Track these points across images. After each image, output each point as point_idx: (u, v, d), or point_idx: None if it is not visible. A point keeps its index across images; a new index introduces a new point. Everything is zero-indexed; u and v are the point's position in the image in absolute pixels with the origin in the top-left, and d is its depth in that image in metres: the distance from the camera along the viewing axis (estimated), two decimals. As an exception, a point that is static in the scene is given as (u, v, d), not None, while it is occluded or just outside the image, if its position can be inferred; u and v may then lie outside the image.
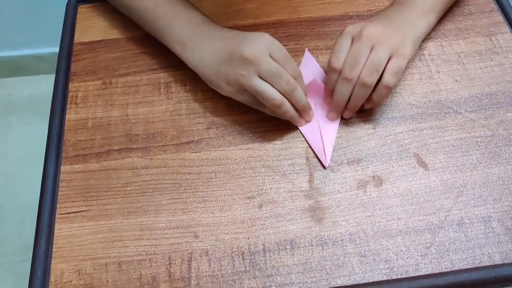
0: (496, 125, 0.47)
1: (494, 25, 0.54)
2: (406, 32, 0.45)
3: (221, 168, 0.45)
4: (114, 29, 0.55)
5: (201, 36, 0.46)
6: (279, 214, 0.42)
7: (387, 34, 0.44)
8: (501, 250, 0.40)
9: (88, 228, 0.42)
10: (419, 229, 0.41)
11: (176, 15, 0.47)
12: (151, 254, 0.40)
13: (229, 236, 0.41)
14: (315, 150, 0.45)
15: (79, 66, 0.52)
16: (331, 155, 0.45)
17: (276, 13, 0.55)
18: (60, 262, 0.40)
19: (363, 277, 0.39)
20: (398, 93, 0.49)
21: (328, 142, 0.45)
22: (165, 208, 0.43)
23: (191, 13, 0.48)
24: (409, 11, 0.48)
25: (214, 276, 0.39)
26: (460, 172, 0.44)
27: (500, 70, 0.51)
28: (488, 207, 0.42)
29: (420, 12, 0.48)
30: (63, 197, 0.43)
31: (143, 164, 0.45)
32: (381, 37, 0.43)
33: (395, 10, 0.49)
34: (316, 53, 0.52)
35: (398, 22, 0.47)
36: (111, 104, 0.49)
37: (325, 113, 0.47)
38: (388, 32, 0.44)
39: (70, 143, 0.46)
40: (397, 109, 0.48)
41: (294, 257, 0.40)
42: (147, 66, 0.52)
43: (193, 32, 0.46)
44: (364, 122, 0.47)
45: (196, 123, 0.48)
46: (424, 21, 0.48)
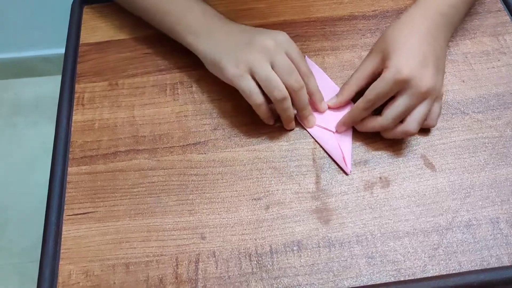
0: (504, 126, 0.47)
1: (501, 25, 0.54)
2: (442, 73, 0.44)
3: (227, 170, 0.45)
4: (121, 30, 0.55)
5: (215, 28, 0.46)
6: (286, 216, 0.42)
7: (438, 84, 0.43)
8: (509, 252, 0.40)
9: (95, 229, 0.42)
10: (427, 231, 0.41)
11: (189, 8, 0.48)
12: (158, 255, 0.40)
13: (236, 237, 0.41)
14: (335, 158, 0.44)
15: (85, 67, 0.52)
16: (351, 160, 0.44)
17: (285, 13, 0.55)
18: (68, 264, 0.40)
19: (370, 278, 0.39)
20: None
21: (346, 148, 0.45)
22: (172, 210, 0.43)
23: (204, 6, 0.48)
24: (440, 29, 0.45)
25: (221, 278, 0.39)
26: (468, 173, 0.44)
27: (508, 71, 0.50)
28: (496, 208, 0.42)
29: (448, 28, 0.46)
30: (70, 198, 0.43)
31: (150, 165, 0.45)
32: (432, 90, 0.42)
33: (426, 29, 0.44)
34: (322, 54, 0.52)
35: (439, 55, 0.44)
36: (118, 106, 0.49)
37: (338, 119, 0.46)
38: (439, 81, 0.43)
39: (77, 145, 0.47)
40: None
41: (301, 259, 0.40)
42: (154, 67, 0.52)
43: (207, 23, 0.47)
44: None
45: (203, 125, 0.48)
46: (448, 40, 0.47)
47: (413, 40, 0.43)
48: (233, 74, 0.43)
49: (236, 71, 0.43)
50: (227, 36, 0.46)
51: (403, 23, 0.45)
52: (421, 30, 0.44)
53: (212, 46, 0.45)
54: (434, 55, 0.43)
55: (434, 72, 0.42)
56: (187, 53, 0.52)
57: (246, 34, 0.45)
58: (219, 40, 0.46)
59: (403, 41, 0.43)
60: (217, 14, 0.48)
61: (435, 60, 0.43)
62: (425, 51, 0.43)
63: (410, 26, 0.44)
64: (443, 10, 0.45)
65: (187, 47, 0.48)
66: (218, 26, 0.47)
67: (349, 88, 0.46)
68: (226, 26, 0.47)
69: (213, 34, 0.46)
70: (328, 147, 0.45)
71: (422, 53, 0.42)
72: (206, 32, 0.46)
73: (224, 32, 0.46)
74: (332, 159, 0.45)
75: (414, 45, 0.43)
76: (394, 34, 0.44)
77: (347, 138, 0.46)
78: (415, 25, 0.44)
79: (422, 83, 0.41)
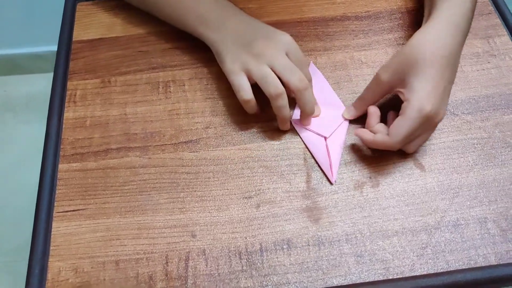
0: (493, 127, 0.47)
1: (491, 27, 0.54)
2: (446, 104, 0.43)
3: (219, 168, 0.45)
4: (114, 27, 0.55)
5: (226, 17, 0.47)
6: (276, 214, 0.42)
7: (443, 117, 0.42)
8: (496, 251, 0.40)
9: (85, 226, 0.42)
10: (415, 230, 0.41)
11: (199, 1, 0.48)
12: (148, 253, 0.40)
13: (226, 235, 0.41)
14: (321, 166, 0.44)
15: (78, 64, 0.52)
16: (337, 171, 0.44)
17: (278, 13, 0.55)
18: (57, 261, 0.40)
19: (359, 277, 0.39)
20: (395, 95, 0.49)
21: (335, 157, 0.45)
22: (162, 207, 0.43)
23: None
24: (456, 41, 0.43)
25: (211, 275, 0.39)
26: (456, 173, 0.44)
27: (497, 73, 0.51)
28: (483, 208, 0.42)
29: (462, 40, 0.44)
30: (60, 195, 0.43)
31: (141, 163, 0.45)
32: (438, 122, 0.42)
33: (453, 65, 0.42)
34: (314, 54, 0.53)
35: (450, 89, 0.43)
36: (110, 103, 0.49)
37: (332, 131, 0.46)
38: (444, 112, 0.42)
39: (68, 142, 0.47)
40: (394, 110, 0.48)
41: (291, 257, 0.40)
42: (147, 65, 0.52)
43: (218, 12, 0.48)
44: (361, 124, 0.48)
45: (195, 123, 0.48)
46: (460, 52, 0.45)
47: (437, 65, 0.40)
48: (229, 69, 0.45)
49: (232, 67, 0.44)
50: (235, 29, 0.46)
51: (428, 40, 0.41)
52: (446, 52, 0.41)
53: (218, 38, 0.47)
54: (451, 81, 0.42)
55: (447, 101, 0.42)
56: (180, 52, 0.52)
57: (251, 32, 0.46)
58: (226, 33, 0.46)
59: (427, 64, 0.40)
60: (227, 3, 0.49)
61: (450, 87, 0.42)
62: (445, 80, 0.41)
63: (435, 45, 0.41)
64: (458, 21, 0.43)
65: (195, 36, 0.49)
66: (228, 16, 0.47)
67: (365, 104, 0.45)
68: (236, 18, 0.47)
69: (223, 25, 0.47)
70: (317, 154, 0.45)
71: (443, 83, 0.41)
72: (217, 23, 0.47)
73: (233, 24, 0.47)
74: (318, 166, 0.45)
75: (438, 74, 0.40)
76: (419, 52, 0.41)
77: (338, 147, 0.45)
78: (440, 45, 0.41)
79: (438, 116, 0.41)
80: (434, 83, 0.40)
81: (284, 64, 0.43)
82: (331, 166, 0.44)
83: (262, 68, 0.43)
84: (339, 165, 0.45)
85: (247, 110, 0.45)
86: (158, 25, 0.54)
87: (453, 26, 0.43)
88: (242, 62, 0.44)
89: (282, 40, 0.45)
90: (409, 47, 0.42)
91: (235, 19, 0.47)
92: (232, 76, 0.44)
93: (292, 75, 0.43)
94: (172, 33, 0.53)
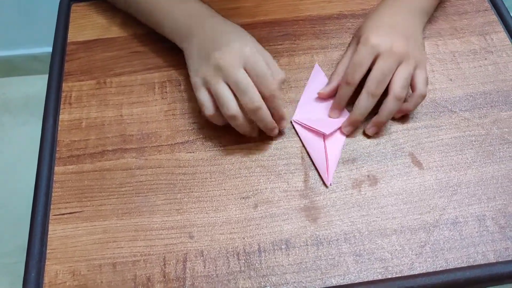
0: (490, 124, 0.47)
1: (488, 24, 0.54)
2: (421, 44, 0.47)
3: (216, 168, 0.45)
4: (109, 28, 0.54)
5: (195, 26, 0.46)
6: (274, 214, 0.42)
7: (412, 49, 0.45)
8: (495, 249, 0.40)
9: (82, 229, 0.41)
10: (414, 228, 0.41)
11: (175, 7, 0.48)
12: (145, 254, 0.40)
13: (224, 236, 0.41)
14: (318, 168, 0.44)
15: (73, 65, 0.52)
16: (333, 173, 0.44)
17: (274, 12, 0.55)
18: (54, 264, 0.40)
19: (357, 276, 0.39)
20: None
21: (332, 160, 0.44)
22: (159, 209, 0.42)
23: (191, 4, 0.48)
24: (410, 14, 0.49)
25: (209, 277, 0.39)
26: (455, 171, 0.44)
27: (494, 69, 0.51)
28: (482, 205, 0.42)
29: (418, 14, 0.49)
30: (57, 198, 0.43)
31: (137, 164, 0.45)
32: (409, 54, 0.44)
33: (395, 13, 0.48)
34: (311, 53, 0.52)
35: (410, 31, 0.47)
36: (105, 104, 0.49)
37: (332, 130, 0.46)
38: (411, 46, 0.45)
39: (64, 144, 0.46)
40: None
41: (289, 257, 0.40)
42: (142, 66, 0.51)
43: (190, 23, 0.47)
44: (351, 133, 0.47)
45: (191, 123, 0.47)
46: (422, 24, 0.50)
47: (381, 20, 0.48)
48: (192, 83, 0.44)
49: (194, 81, 0.44)
50: (201, 38, 0.45)
51: (372, 16, 0.49)
52: (389, 14, 0.48)
53: (186, 47, 0.46)
54: (404, 28, 0.46)
55: (403, 39, 0.45)
56: (176, 51, 0.52)
57: (212, 44, 0.43)
58: (193, 42, 0.46)
59: (373, 23, 0.47)
60: (201, 13, 0.47)
61: (404, 30, 0.46)
62: (392, 24, 0.46)
63: (378, 15, 0.49)
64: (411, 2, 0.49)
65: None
66: (196, 25, 0.46)
67: (337, 77, 0.47)
68: (204, 26, 0.46)
69: (191, 34, 0.46)
70: (315, 156, 0.45)
71: (389, 25, 0.46)
72: (185, 32, 0.46)
73: (201, 33, 0.45)
74: (315, 167, 0.44)
75: (383, 21, 0.47)
76: (366, 22, 0.48)
77: (336, 150, 0.45)
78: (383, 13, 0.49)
79: (392, 47, 0.44)
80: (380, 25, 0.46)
81: (237, 82, 0.40)
82: (327, 169, 0.44)
83: (219, 86, 0.41)
84: (335, 168, 0.44)
85: (215, 123, 0.44)
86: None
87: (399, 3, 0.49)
88: (202, 76, 0.43)
89: (241, 51, 0.41)
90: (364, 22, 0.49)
91: (203, 28, 0.45)
92: (195, 91, 0.44)
93: (243, 95, 0.41)
94: (168, 33, 0.53)
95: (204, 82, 0.43)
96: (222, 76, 0.41)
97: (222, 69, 0.41)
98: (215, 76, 0.42)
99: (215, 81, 0.42)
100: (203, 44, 0.44)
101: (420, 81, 0.45)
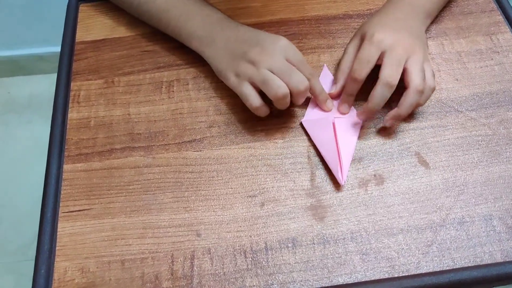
0: (497, 124, 0.47)
1: (494, 24, 0.54)
2: (425, 41, 0.48)
3: (222, 167, 0.45)
4: (117, 28, 0.55)
5: (215, 35, 0.47)
6: (280, 213, 0.42)
7: (417, 45, 0.45)
8: (502, 248, 0.40)
9: (91, 226, 0.42)
10: (421, 228, 0.41)
11: (190, 14, 0.48)
12: (153, 252, 0.41)
13: (231, 234, 0.41)
14: (330, 167, 0.44)
15: (81, 65, 0.52)
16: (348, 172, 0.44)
17: (281, 12, 0.55)
18: (64, 260, 0.40)
19: (364, 275, 0.39)
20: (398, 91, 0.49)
21: (346, 158, 0.44)
22: (167, 207, 0.43)
23: (205, 10, 0.49)
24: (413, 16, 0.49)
25: (216, 275, 0.39)
26: (461, 170, 0.44)
27: (501, 69, 0.51)
28: (489, 205, 0.42)
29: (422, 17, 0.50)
30: (65, 195, 0.43)
31: (145, 162, 0.45)
32: (415, 49, 0.45)
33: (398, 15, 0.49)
34: (317, 52, 0.52)
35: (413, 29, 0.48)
36: (113, 103, 0.49)
37: (343, 128, 0.46)
38: (416, 42, 0.46)
39: (73, 142, 0.47)
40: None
41: (296, 255, 0.40)
42: (150, 65, 0.52)
43: (208, 29, 0.48)
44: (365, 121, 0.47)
45: (198, 122, 0.48)
46: (425, 26, 0.51)
47: (386, 18, 0.48)
48: (233, 82, 0.45)
49: (235, 80, 0.45)
50: (226, 44, 0.46)
51: (376, 14, 0.50)
52: (392, 14, 0.49)
53: (214, 54, 0.47)
54: (408, 26, 0.47)
55: (408, 35, 0.46)
56: (183, 50, 0.52)
57: (244, 43, 0.45)
58: (218, 48, 0.47)
59: (377, 20, 0.48)
60: (216, 19, 0.48)
61: (408, 28, 0.47)
62: (396, 22, 0.47)
63: (382, 13, 0.49)
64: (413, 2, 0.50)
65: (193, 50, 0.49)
66: (216, 32, 0.47)
67: (342, 74, 0.48)
68: (224, 33, 0.47)
69: (214, 41, 0.47)
70: (326, 154, 0.45)
71: (394, 23, 0.47)
72: (208, 39, 0.47)
73: (224, 40, 0.47)
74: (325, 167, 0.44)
75: (387, 19, 0.48)
76: (370, 20, 0.49)
77: (349, 148, 0.45)
78: (387, 12, 0.49)
79: (398, 42, 0.44)
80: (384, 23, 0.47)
81: (282, 67, 0.43)
82: (341, 167, 0.43)
83: (262, 72, 0.43)
84: (349, 167, 0.44)
85: (259, 115, 0.45)
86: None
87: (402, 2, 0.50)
88: (242, 72, 0.44)
89: (278, 44, 0.44)
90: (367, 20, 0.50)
91: (224, 34, 0.47)
92: (237, 88, 0.45)
93: (291, 77, 0.43)
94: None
95: (244, 77, 0.44)
96: (264, 67, 0.43)
97: (264, 61, 0.43)
98: (257, 68, 0.43)
99: (259, 72, 0.43)
100: (232, 45, 0.46)
101: (429, 75, 0.45)
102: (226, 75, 0.46)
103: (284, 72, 0.43)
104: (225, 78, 0.46)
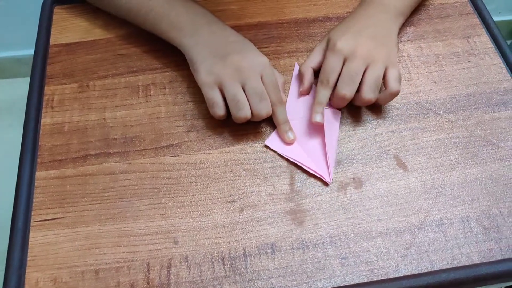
0: (474, 126, 0.47)
1: (471, 27, 0.55)
2: (390, 44, 0.48)
3: (201, 172, 0.44)
4: (92, 31, 0.54)
5: (201, 26, 0.47)
6: (260, 218, 0.42)
7: (378, 50, 0.46)
8: (479, 250, 0.40)
9: (64, 235, 0.41)
10: (399, 230, 0.41)
11: (173, 4, 0.47)
12: (129, 261, 0.40)
13: (209, 241, 0.41)
14: (316, 168, 0.44)
15: (56, 68, 0.51)
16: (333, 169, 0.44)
17: (259, 15, 0.55)
18: (35, 271, 0.39)
19: (343, 279, 0.39)
20: (377, 94, 0.49)
21: (331, 157, 0.44)
22: (143, 214, 0.42)
23: (187, 3, 0.48)
24: (384, 15, 0.49)
25: (194, 282, 0.39)
26: (439, 172, 0.44)
27: (477, 72, 0.51)
28: (466, 207, 0.43)
29: (393, 16, 0.50)
30: (38, 203, 0.42)
31: (121, 169, 0.44)
32: (374, 55, 0.45)
33: (369, 15, 0.49)
34: (296, 55, 0.52)
35: (379, 32, 0.48)
36: (88, 108, 0.48)
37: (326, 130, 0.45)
38: (378, 47, 0.46)
39: (46, 148, 0.45)
40: (376, 110, 0.48)
41: (275, 261, 0.40)
42: (126, 69, 0.51)
43: (192, 19, 0.47)
44: (344, 123, 0.47)
45: (176, 126, 0.47)
46: (397, 25, 0.50)
47: (350, 24, 0.49)
48: (203, 81, 0.44)
49: (206, 80, 0.44)
50: (210, 37, 0.46)
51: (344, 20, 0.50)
52: (361, 17, 0.49)
53: (194, 44, 0.46)
54: (373, 30, 0.47)
55: (369, 41, 0.46)
56: (160, 54, 0.51)
57: (227, 45, 0.45)
58: (201, 40, 0.46)
59: (341, 27, 0.49)
60: (201, 11, 0.48)
61: (373, 32, 0.47)
62: (360, 28, 0.47)
63: (350, 18, 0.50)
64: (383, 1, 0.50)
65: (170, 42, 0.48)
66: (202, 24, 0.47)
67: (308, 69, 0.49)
68: (210, 27, 0.47)
69: (197, 32, 0.46)
70: (310, 157, 0.44)
71: (357, 29, 0.47)
72: (190, 30, 0.46)
73: (208, 32, 0.46)
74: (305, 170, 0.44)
75: (351, 25, 0.48)
76: (336, 26, 0.50)
77: (333, 146, 0.45)
78: (355, 16, 0.50)
79: (356, 50, 0.45)
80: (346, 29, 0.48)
81: (255, 88, 0.43)
82: (328, 166, 0.44)
83: (235, 87, 0.43)
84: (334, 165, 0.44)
85: (218, 118, 0.45)
86: (137, 27, 0.53)
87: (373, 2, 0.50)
88: (217, 75, 0.43)
89: (259, 60, 0.44)
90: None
91: (209, 28, 0.46)
92: (205, 89, 0.44)
93: (258, 103, 0.43)
94: (152, 35, 0.52)
95: (217, 81, 0.43)
96: (239, 79, 0.43)
97: (242, 72, 0.43)
98: (233, 77, 0.43)
99: (233, 84, 0.43)
100: (216, 42, 0.45)
101: (392, 79, 0.45)
102: (198, 68, 0.44)
103: (254, 94, 0.43)
104: (197, 71, 0.45)
